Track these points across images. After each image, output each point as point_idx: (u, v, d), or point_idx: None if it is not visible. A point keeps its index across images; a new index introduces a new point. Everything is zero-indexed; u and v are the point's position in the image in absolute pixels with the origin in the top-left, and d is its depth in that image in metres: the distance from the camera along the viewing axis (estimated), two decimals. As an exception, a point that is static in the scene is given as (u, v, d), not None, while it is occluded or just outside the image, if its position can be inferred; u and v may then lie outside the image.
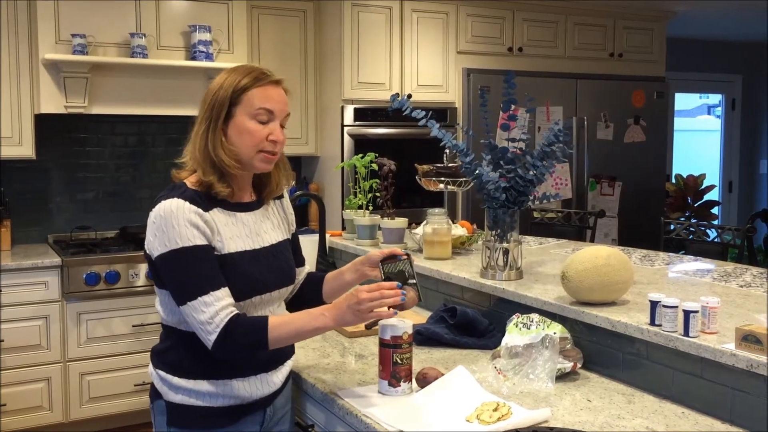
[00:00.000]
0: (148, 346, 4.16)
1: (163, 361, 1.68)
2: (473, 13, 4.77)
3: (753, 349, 1.50)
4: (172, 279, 1.58)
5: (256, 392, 1.68)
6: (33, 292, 3.61)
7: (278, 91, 1.67)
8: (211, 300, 1.54)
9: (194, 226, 1.57)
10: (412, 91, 4.54)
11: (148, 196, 4.46)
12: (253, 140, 1.63)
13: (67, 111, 3.80)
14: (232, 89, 1.63)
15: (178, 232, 1.55)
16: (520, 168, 2.14)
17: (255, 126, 1.63)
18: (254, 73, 1.65)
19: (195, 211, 1.58)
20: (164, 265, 1.58)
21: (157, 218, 1.58)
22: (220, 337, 1.53)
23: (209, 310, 1.53)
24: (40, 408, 3.66)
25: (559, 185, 5.00)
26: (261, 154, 1.64)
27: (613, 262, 1.89)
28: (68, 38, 3.73)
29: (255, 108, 1.62)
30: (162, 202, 1.59)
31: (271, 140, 1.64)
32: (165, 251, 1.56)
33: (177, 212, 1.56)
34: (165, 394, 1.66)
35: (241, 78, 1.64)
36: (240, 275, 1.63)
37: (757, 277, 2.33)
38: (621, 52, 5.34)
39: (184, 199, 1.59)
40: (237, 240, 1.65)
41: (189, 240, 1.56)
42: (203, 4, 4.09)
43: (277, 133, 1.65)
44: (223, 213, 1.65)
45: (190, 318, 1.56)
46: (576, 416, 1.59)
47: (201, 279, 1.55)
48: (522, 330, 1.87)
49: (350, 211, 3.10)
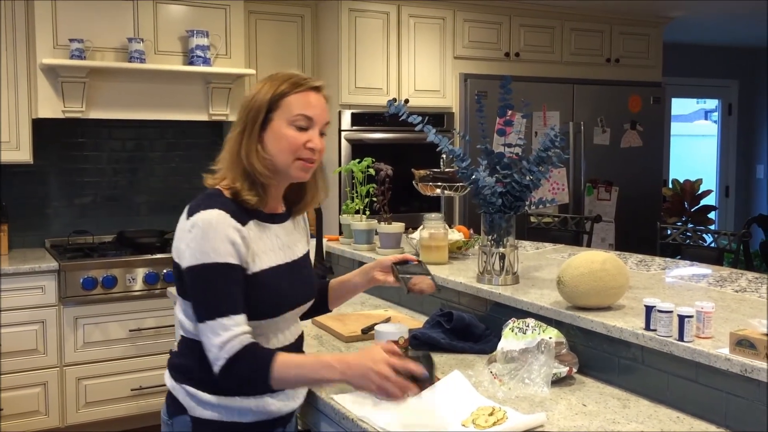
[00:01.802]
0: (145, 351, 4.17)
1: (190, 376, 1.59)
2: (470, 18, 4.78)
3: (747, 354, 1.50)
4: (197, 294, 1.53)
5: (285, 407, 1.63)
6: (30, 296, 3.61)
7: (318, 97, 1.62)
8: (230, 324, 1.49)
9: (231, 242, 1.51)
10: (409, 96, 4.55)
11: (145, 201, 4.47)
12: (290, 147, 1.57)
13: (64, 116, 3.80)
14: (270, 95, 1.58)
15: (213, 246, 1.50)
16: (516, 173, 2.15)
17: (293, 132, 1.58)
18: (293, 78, 1.60)
19: (235, 226, 1.53)
20: (192, 278, 1.52)
21: (194, 228, 1.52)
22: (228, 363, 1.48)
23: (226, 334, 1.48)
24: (37, 413, 3.65)
25: (556, 190, 5.01)
26: (298, 161, 1.59)
27: (609, 267, 1.89)
28: (66, 43, 3.73)
29: (293, 114, 1.58)
30: (202, 212, 1.52)
31: (309, 147, 1.59)
32: (195, 264, 1.51)
33: (217, 225, 1.51)
34: (191, 409, 1.59)
35: (279, 84, 1.59)
36: (273, 291, 1.59)
37: (752, 282, 2.34)
38: (617, 57, 5.36)
39: (226, 210, 1.53)
40: (270, 254, 1.61)
41: (222, 257, 1.50)
42: (201, 9, 4.10)
43: (316, 140, 1.60)
44: (258, 226, 1.60)
45: (204, 337, 1.51)
46: (571, 421, 1.59)
47: (225, 300, 1.50)
48: (518, 335, 1.88)
49: (347, 215, 3.11)
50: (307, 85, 1.61)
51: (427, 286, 1.72)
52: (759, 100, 7.42)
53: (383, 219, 2.91)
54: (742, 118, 7.46)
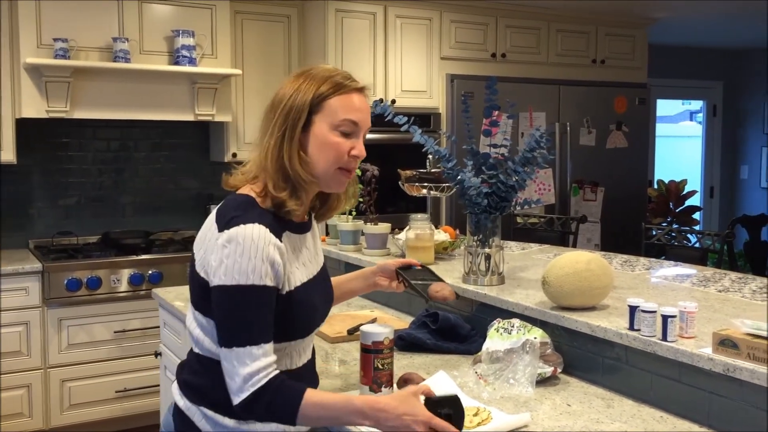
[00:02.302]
0: (130, 353, 4.14)
1: (208, 398, 1.48)
2: (457, 19, 4.79)
3: (730, 354, 1.51)
4: (226, 317, 1.39)
5: (301, 429, 1.52)
6: (13, 297, 3.57)
7: (362, 100, 1.50)
8: (260, 353, 1.37)
9: (271, 262, 1.38)
10: (396, 97, 4.55)
11: (130, 202, 4.44)
12: (335, 154, 1.46)
13: (48, 115, 3.77)
14: (312, 95, 1.45)
15: (252, 266, 1.36)
16: (501, 174, 2.16)
17: (337, 139, 1.46)
18: (336, 77, 1.47)
19: (276, 243, 1.40)
20: (222, 299, 1.39)
21: (231, 243, 1.37)
22: (253, 397, 1.36)
23: (254, 365, 1.36)
24: (21, 415, 3.62)
25: (542, 191, 5.03)
26: (339, 171, 1.48)
27: (593, 268, 1.90)
28: (50, 42, 3.71)
29: (339, 118, 1.45)
30: (242, 227, 1.38)
31: (353, 155, 1.48)
32: (230, 284, 1.37)
33: (258, 242, 1.37)
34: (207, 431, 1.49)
35: (320, 83, 1.46)
36: (307, 309, 1.51)
37: (735, 282, 2.36)
38: (603, 58, 5.39)
39: (264, 224, 1.39)
40: (302, 269, 1.51)
41: (261, 278, 1.37)
42: (186, 9, 4.08)
43: (361, 147, 1.49)
44: (290, 238, 1.49)
45: (228, 363, 1.38)
46: (556, 420, 1.60)
47: (257, 326, 1.38)
48: (503, 335, 1.88)
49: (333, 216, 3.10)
50: (351, 86, 1.49)
51: (449, 293, 1.65)
52: (743, 101, 7.48)
53: (369, 219, 2.91)
54: (726, 119, 7.52)
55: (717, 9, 5.36)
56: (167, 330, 2.83)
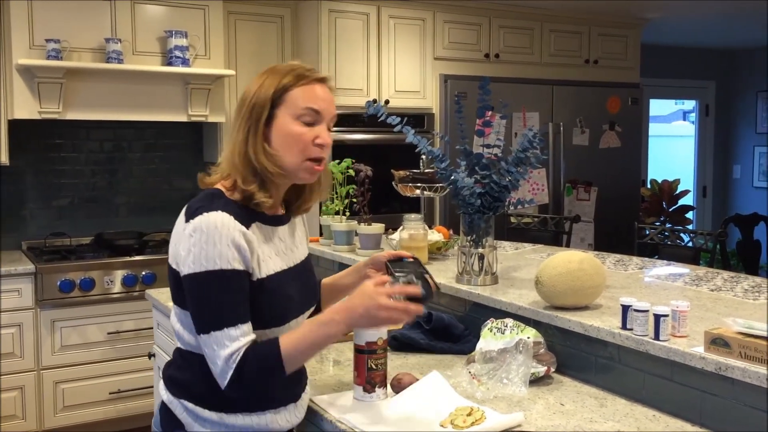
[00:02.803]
0: (124, 354, 4.13)
1: (188, 391, 1.51)
2: (450, 19, 4.80)
3: (722, 353, 1.52)
4: (200, 303, 1.42)
5: (286, 424, 1.57)
6: (6, 299, 3.56)
7: (324, 89, 1.52)
8: (238, 334, 1.40)
9: (237, 247, 1.41)
10: (389, 97, 4.56)
11: (124, 203, 4.43)
12: (298, 145, 1.48)
13: (41, 117, 3.76)
14: (273, 89, 1.48)
15: (219, 252, 1.39)
16: (495, 174, 2.16)
17: (300, 128, 1.49)
18: (297, 70, 1.51)
19: (240, 229, 1.43)
20: (194, 286, 1.42)
21: (196, 232, 1.41)
22: (237, 373, 1.39)
23: (233, 346, 1.39)
24: (14, 417, 3.61)
25: (535, 190, 5.04)
26: (307, 162, 1.50)
27: (586, 267, 1.91)
28: (42, 43, 3.69)
29: (300, 108, 1.48)
30: (205, 215, 1.41)
31: (318, 144, 1.50)
32: (199, 271, 1.40)
33: (221, 229, 1.40)
34: (189, 425, 1.51)
35: (282, 77, 1.49)
36: (280, 297, 1.51)
37: (727, 281, 2.37)
38: (596, 58, 5.40)
39: (229, 212, 1.43)
40: (275, 259, 1.53)
41: (229, 263, 1.40)
42: (179, 10, 4.07)
43: (325, 135, 1.51)
44: (261, 228, 1.51)
45: (208, 349, 1.41)
46: (549, 420, 1.60)
47: (232, 309, 1.41)
48: (496, 335, 1.89)
49: (327, 216, 3.10)
50: (312, 76, 1.51)
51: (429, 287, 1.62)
52: (735, 101, 7.51)
53: (363, 220, 2.91)
54: (719, 119, 7.55)
55: (710, 9, 5.38)
56: (161, 331, 2.82)
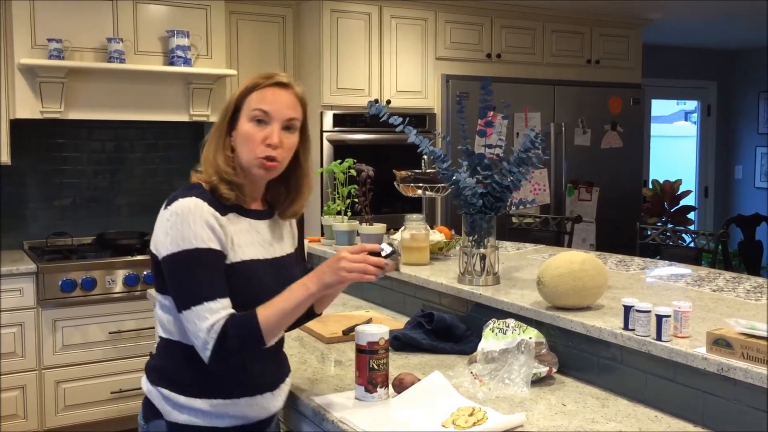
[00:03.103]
0: (125, 354, 4.13)
1: (166, 378, 1.58)
2: (452, 19, 4.79)
3: (724, 353, 1.52)
4: (179, 281, 1.50)
5: (262, 412, 1.62)
6: (8, 298, 3.56)
7: (279, 93, 1.59)
8: (218, 307, 1.48)
9: (210, 228, 1.51)
10: (391, 97, 4.56)
11: (125, 203, 4.44)
12: (249, 144, 1.56)
13: (43, 116, 3.76)
14: (237, 95, 1.60)
15: (193, 232, 1.49)
16: (496, 174, 2.16)
17: (251, 128, 1.57)
18: (259, 77, 1.60)
19: (212, 213, 1.53)
20: (172, 266, 1.50)
21: (172, 216, 1.51)
22: (218, 343, 1.46)
23: (213, 318, 1.46)
24: (15, 416, 3.61)
25: (537, 191, 5.04)
26: (258, 159, 1.57)
27: (588, 268, 1.90)
28: (44, 43, 3.70)
29: (251, 109, 1.57)
30: (179, 200, 1.53)
31: (267, 144, 1.56)
32: (176, 250, 1.49)
33: (195, 211, 1.51)
34: (167, 413, 1.57)
35: (247, 83, 1.60)
36: (254, 283, 1.58)
37: (729, 282, 2.37)
38: (598, 58, 5.40)
39: (203, 199, 1.53)
40: (251, 248, 1.60)
41: (204, 242, 1.49)
42: (181, 9, 4.07)
43: (273, 136, 1.56)
44: (238, 218, 1.60)
45: (190, 324, 1.48)
46: (551, 420, 1.60)
47: (209, 284, 1.49)
48: (498, 335, 1.89)
49: (329, 216, 3.10)
50: (269, 82, 1.59)
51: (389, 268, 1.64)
52: (737, 102, 7.50)
53: (365, 220, 2.91)
54: (720, 119, 7.54)
55: (711, 9, 5.37)
56: (162, 331, 2.82)
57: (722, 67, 7.45)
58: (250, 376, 1.59)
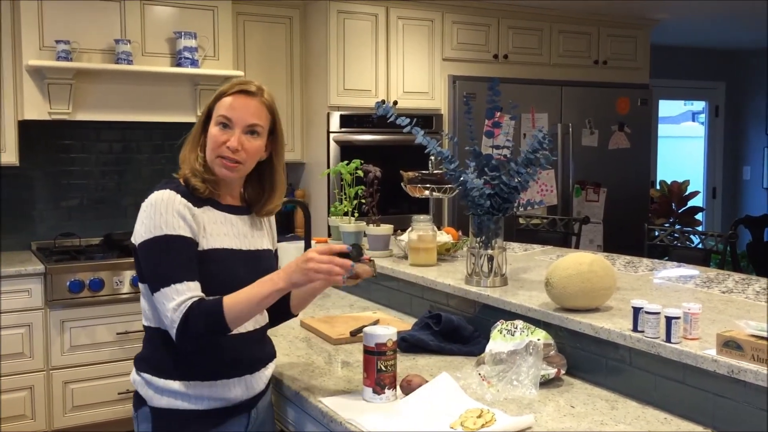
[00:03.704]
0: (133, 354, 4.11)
1: (147, 363, 1.68)
2: (459, 20, 4.79)
3: (734, 355, 1.51)
4: (150, 265, 1.61)
5: (242, 394, 1.70)
6: (16, 299, 3.57)
7: (245, 101, 1.69)
8: (184, 288, 1.56)
9: (181, 217, 1.61)
10: (398, 98, 4.55)
11: (133, 203, 4.44)
12: (211, 144, 1.68)
13: (51, 117, 3.78)
14: (213, 99, 1.72)
15: (164, 220, 1.59)
16: (504, 175, 2.15)
17: (216, 131, 1.68)
18: (234, 82, 1.72)
19: (184, 203, 1.62)
20: (145, 252, 1.61)
21: (147, 207, 1.63)
22: (182, 322, 1.54)
23: (179, 298, 1.55)
24: (23, 417, 3.62)
25: (544, 192, 5.03)
26: (219, 159, 1.68)
27: (597, 269, 1.90)
28: (52, 44, 3.71)
29: (218, 114, 1.69)
30: (155, 193, 1.64)
31: (227, 146, 1.67)
32: (148, 237, 1.60)
33: (167, 201, 1.61)
34: (149, 399, 1.67)
35: (221, 89, 1.72)
36: (226, 271, 1.66)
37: (738, 283, 2.35)
38: (605, 59, 5.38)
39: (176, 191, 1.63)
40: (224, 238, 1.69)
41: (174, 229, 1.59)
42: (188, 11, 4.08)
43: (234, 140, 1.67)
44: (212, 211, 1.69)
45: (159, 305, 1.58)
46: (559, 422, 1.60)
47: (178, 267, 1.58)
48: (506, 336, 1.88)
49: (336, 217, 3.10)
50: (238, 88, 1.70)
51: (364, 272, 1.68)
52: (745, 102, 7.47)
53: (372, 221, 2.91)
54: (728, 120, 7.51)
55: (719, 9, 5.35)
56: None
57: (730, 67, 7.42)
58: (229, 357, 1.67)
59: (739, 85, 7.46)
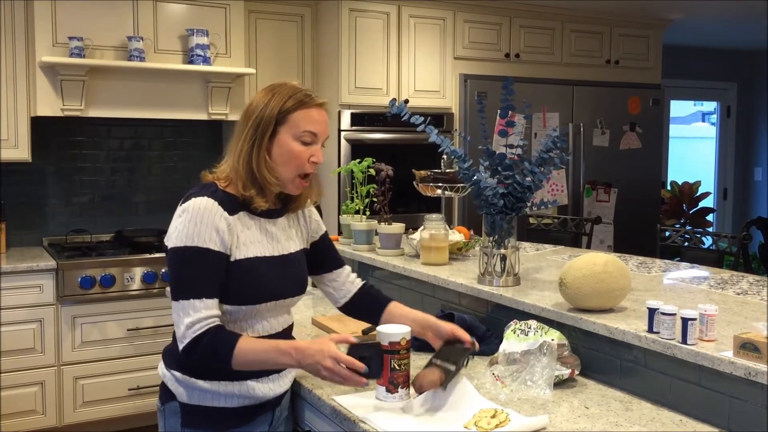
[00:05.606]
0: (143, 351, 4.15)
1: (178, 362, 1.68)
2: (470, 19, 4.78)
3: (751, 357, 1.50)
4: (175, 273, 1.62)
5: (270, 392, 1.73)
6: (27, 295, 3.59)
7: (321, 113, 1.71)
8: (201, 306, 1.58)
9: (216, 230, 1.61)
10: (409, 97, 4.54)
11: (144, 200, 4.46)
12: (296, 161, 1.68)
13: (63, 114, 3.79)
14: (278, 110, 1.67)
15: (197, 231, 1.60)
16: (517, 174, 2.15)
17: (299, 147, 1.68)
18: (299, 95, 1.69)
19: (223, 214, 1.63)
20: (173, 258, 1.62)
21: (184, 212, 1.63)
22: (192, 343, 1.57)
23: (195, 315, 1.57)
24: (34, 412, 3.64)
25: (555, 191, 5.01)
26: (298, 179, 1.70)
27: (611, 269, 1.89)
28: (65, 41, 3.72)
29: (300, 130, 1.67)
30: (194, 199, 1.64)
31: (313, 162, 1.69)
32: (180, 245, 1.60)
33: (205, 212, 1.61)
34: (179, 395, 1.69)
35: (286, 99, 1.68)
36: (256, 278, 1.68)
37: (753, 285, 2.34)
38: (617, 59, 5.36)
39: (215, 199, 1.64)
40: (257, 245, 1.70)
41: (205, 242, 1.60)
42: (201, 8, 4.09)
43: (319, 155, 1.70)
44: (247, 217, 1.70)
45: (176, 314, 1.60)
46: (574, 423, 1.59)
47: (200, 282, 1.59)
48: (520, 336, 1.87)
49: (347, 216, 3.10)
50: (312, 102, 1.70)
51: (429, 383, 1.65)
52: (757, 103, 7.42)
53: (383, 219, 2.90)
54: (740, 121, 7.47)
55: (731, 10, 5.32)
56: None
57: (743, 68, 7.38)
58: None
59: (751, 85, 7.42)
